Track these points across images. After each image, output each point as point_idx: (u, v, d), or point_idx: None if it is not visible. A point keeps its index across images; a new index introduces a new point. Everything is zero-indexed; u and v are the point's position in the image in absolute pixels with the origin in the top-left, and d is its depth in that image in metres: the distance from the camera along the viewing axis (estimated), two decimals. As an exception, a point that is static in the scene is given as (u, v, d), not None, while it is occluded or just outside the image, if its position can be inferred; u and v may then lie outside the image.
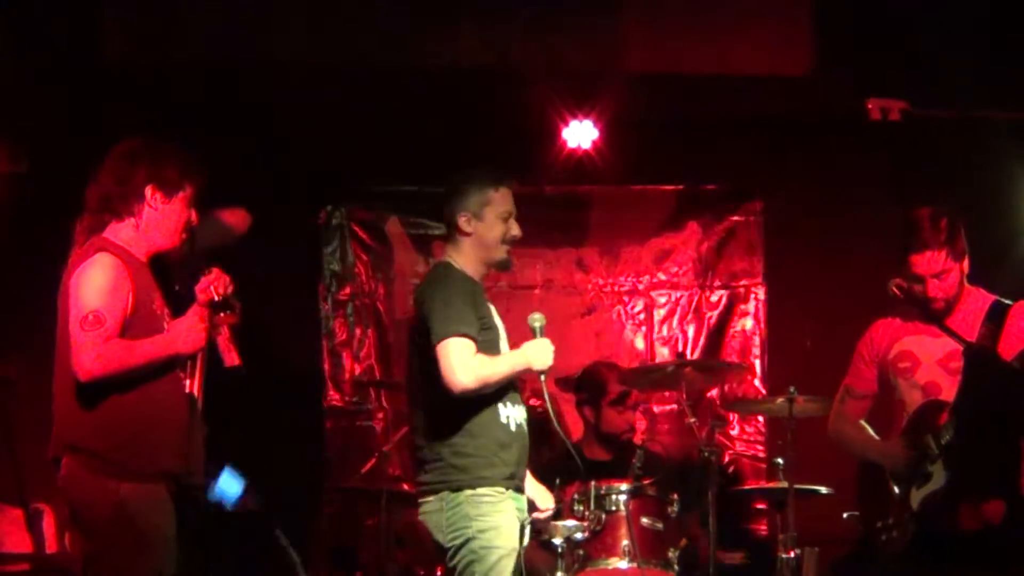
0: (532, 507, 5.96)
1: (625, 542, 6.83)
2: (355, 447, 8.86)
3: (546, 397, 5.76)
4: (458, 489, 5.58)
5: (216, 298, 5.46)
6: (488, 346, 5.69)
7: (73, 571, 6.03)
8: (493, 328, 5.77)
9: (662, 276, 9.17)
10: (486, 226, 5.84)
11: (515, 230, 5.93)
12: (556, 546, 6.82)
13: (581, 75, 8.46)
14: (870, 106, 6.30)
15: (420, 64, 8.25)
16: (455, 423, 5.60)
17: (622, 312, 9.17)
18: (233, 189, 6.27)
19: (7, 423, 7.09)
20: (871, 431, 6.61)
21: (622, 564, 6.82)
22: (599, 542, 6.89)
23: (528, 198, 9.00)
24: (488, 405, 5.65)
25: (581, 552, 6.89)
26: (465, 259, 5.86)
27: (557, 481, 7.01)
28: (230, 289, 5.53)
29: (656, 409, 9.03)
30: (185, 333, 5.39)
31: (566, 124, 8.72)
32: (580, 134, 8.74)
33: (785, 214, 8.95)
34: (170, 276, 5.72)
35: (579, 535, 6.86)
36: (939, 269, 6.21)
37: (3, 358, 7.53)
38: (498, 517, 5.58)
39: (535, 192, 9.06)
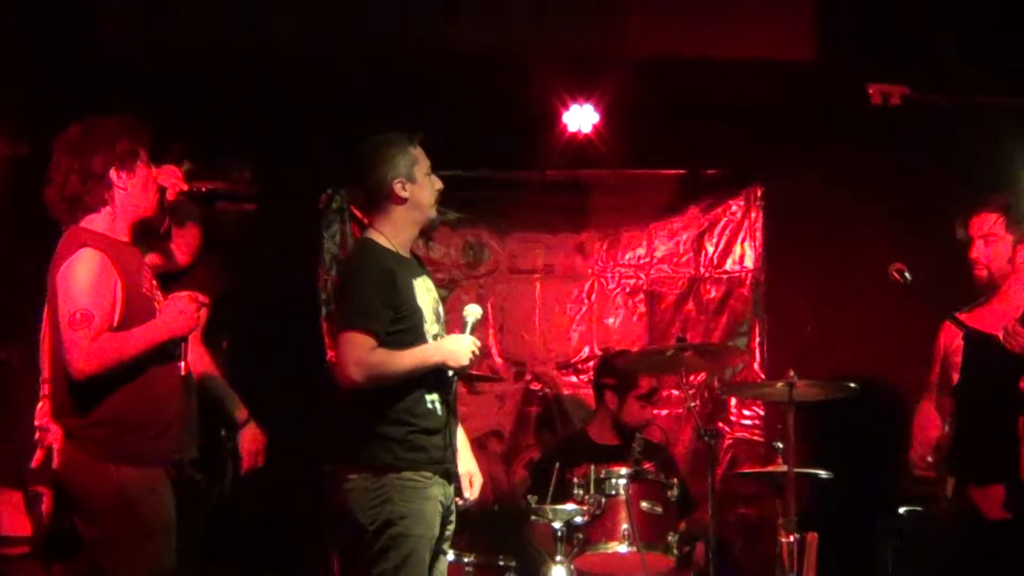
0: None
1: (625, 526, 6.87)
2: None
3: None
4: (383, 472, 5.46)
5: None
6: (405, 334, 5.55)
7: (72, 554, 6.02)
8: (414, 312, 5.59)
9: (663, 260, 9.15)
10: (419, 187, 5.69)
11: (438, 183, 5.79)
12: (556, 530, 6.86)
13: (582, 59, 8.44)
14: (871, 91, 6.30)
15: (420, 48, 8.24)
16: (380, 406, 5.49)
17: (622, 296, 9.16)
18: (237, 169, 6.28)
19: (7, 406, 7.08)
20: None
21: (622, 548, 6.85)
22: (599, 526, 6.92)
23: (529, 182, 9.10)
24: (414, 390, 5.52)
25: (581, 536, 6.92)
26: (395, 228, 5.70)
27: (557, 465, 7.02)
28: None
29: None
30: (177, 315, 5.39)
31: (567, 108, 8.72)
32: (581, 118, 8.73)
33: (786, 199, 8.94)
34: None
35: (579, 519, 6.90)
36: (988, 231, 6.18)
37: (3, 342, 7.53)
38: (421, 504, 5.46)
39: (536, 176, 9.07)
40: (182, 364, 5.42)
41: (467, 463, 5.83)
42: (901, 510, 6.57)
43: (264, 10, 8.17)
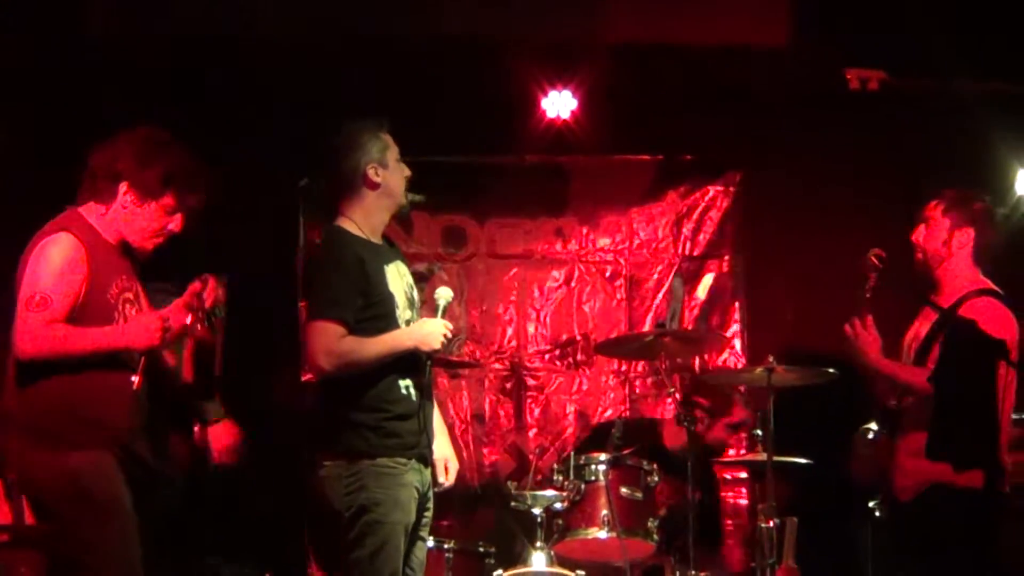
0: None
1: (604, 512, 6.87)
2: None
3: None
4: (357, 459, 5.45)
5: (199, 306, 5.36)
6: (377, 320, 5.54)
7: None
8: (386, 298, 5.58)
9: (641, 245, 9.16)
10: (391, 171, 5.68)
11: (407, 171, 5.77)
12: (535, 516, 6.87)
13: (560, 45, 8.45)
14: (849, 76, 6.31)
15: (399, 34, 8.23)
16: (354, 393, 5.47)
17: (601, 281, 9.17)
18: (215, 157, 6.25)
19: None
20: None
21: (601, 534, 6.86)
22: (578, 512, 6.93)
23: (507, 168, 9.10)
24: (387, 376, 5.50)
25: (560, 522, 6.93)
26: (366, 214, 5.68)
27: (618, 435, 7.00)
28: (219, 303, 5.47)
29: (635, 379, 9.04)
30: (142, 330, 5.25)
31: (545, 94, 8.73)
32: (559, 104, 8.74)
33: (764, 184, 8.95)
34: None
35: (558, 505, 6.91)
36: (927, 214, 6.23)
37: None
38: (396, 490, 5.45)
39: (514, 162, 9.08)
40: (135, 378, 5.20)
41: (443, 448, 5.83)
42: (871, 503, 6.60)
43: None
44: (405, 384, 5.54)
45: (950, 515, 5.85)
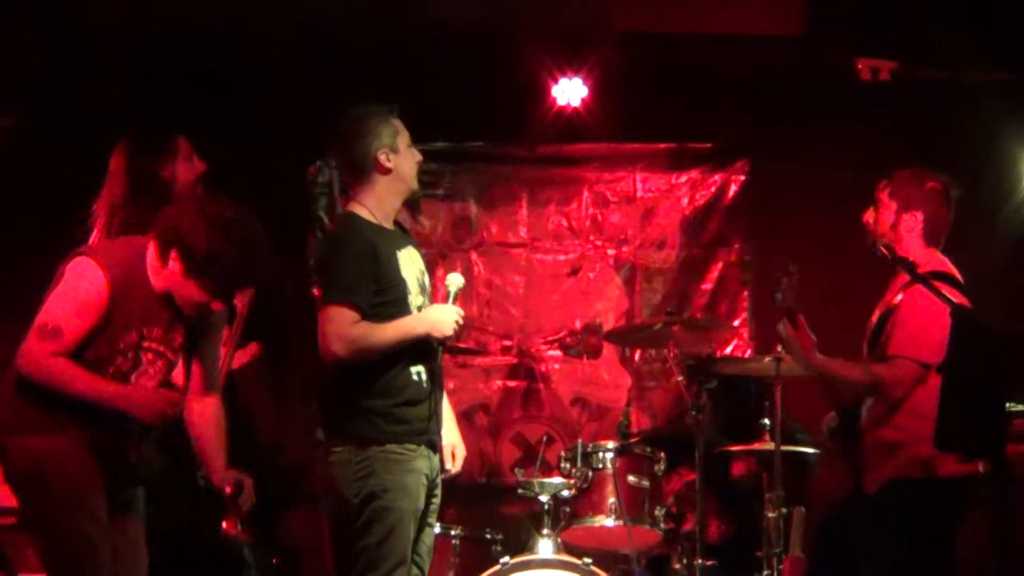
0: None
1: (611, 500, 6.87)
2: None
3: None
4: (366, 445, 5.42)
5: (231, 503, 5.40)
6: (389, 306, 5.51)
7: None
8: (398, 284, 5.55)
9: (650, 234, 9.16)
10: (402, 157, 5.64)
11: (418, 156, 5.74)
12: (542, 503, 6.87)
13: (571, 33, 8.44)
14: (860, 66, 6.30)
15: (409, 23, 8.22)
16: (364, 379, 5.45)
17: (609, 270, 9.17)
18: (226, 145, 6.27)
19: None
20: None
21: (608, 522, 6.86)
22: (585, 500, 6.93)
23: (517, 156, 9.11)
24: (398, 362, 5.48)
25: (567, 509, 6.93)
26: (378, 200, 5.65)
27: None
28: (245, 508, 5.47)
29: (644, 368, 9.05)
30: (146, 406, 5.15)
31: (555, 82, 8.73)
32: (569, 92, 8.74)
33: (774, 173, 8.94)
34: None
35: (565, 493, 6.91)
36: (876, 197, 6.18)
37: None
38: (405, 476, 5.42)
39: (524, 150, 9.09)
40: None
41: (451, 435, 5.81)
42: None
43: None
44: (416, 370, 5.52)
45: (911, 507, 5.81)
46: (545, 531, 6.85)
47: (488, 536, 7.12)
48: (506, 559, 6.65)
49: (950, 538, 5.86)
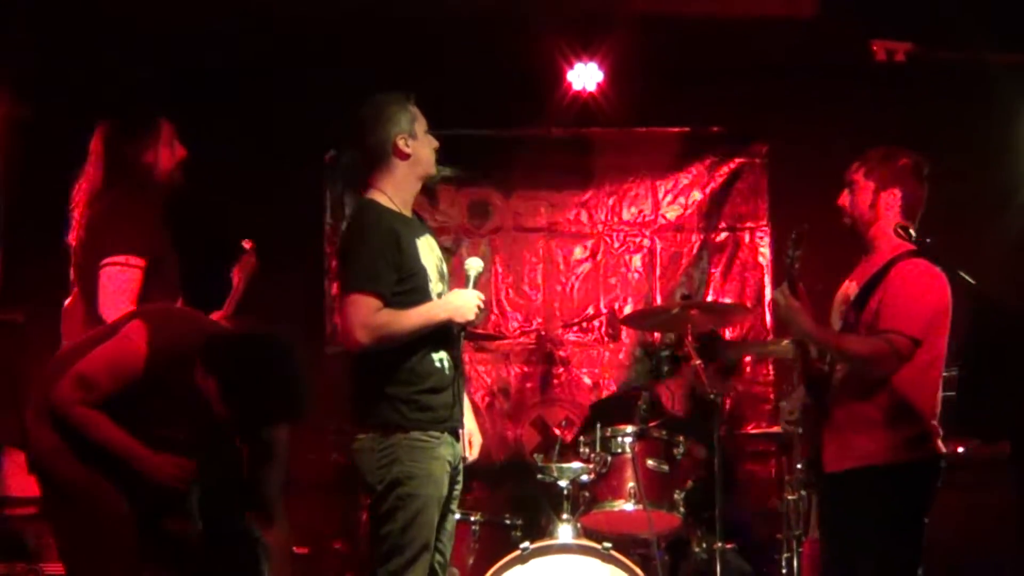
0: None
1: (631, 484, 6.88)
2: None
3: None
4: (390, 432, 5.43)
5: None
6: (410, 294, 5.52)
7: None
8: (419, 272, 5.56)
9: (667, 218, 9.17)
10: (420, 142, 5.65)
11: (435, 142, 5.74)
12: (562, 488, 6.89)
13: (586, 18, 8.43)
14: (875, 48, 6.26)
15: (425, 9, 8.21)
16: (388, 367, 5.46)
17: (627, 254, 9.17)
18: (226, 145, 6.25)
19: (13, 368, 7.09)
20: None
21: (628, 506, 6.87)
22: (605, 484, 6.94)
23: (533, 141, 9.10)
24: (420, 349, 5.49)
25: (587, 494, 6.94)
26: (397, 187, 5.65)
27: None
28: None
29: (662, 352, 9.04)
30: (160, 472, 5.17)
31: (571, 67, 8.73)
32: (585, 77, 8.74)
33: (790, 156, 8.94)
34: None
35: (585, 477, 6.92)
36: (851, 178, 6.15)
37: (10, 303, 7.54)
38: (429, 463, 5.44)
39: (541, 135, 9.08)
40: None
41: (467, 423, 5.83)
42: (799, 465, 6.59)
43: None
44: (439, 357, 5.53)
45: (895, 491, 5.76)
46: (565, 516, 6.86)
47: (508, 521, 7.14)
48: (526, 544, 6.67)
49: (923, 519, 5.78)
